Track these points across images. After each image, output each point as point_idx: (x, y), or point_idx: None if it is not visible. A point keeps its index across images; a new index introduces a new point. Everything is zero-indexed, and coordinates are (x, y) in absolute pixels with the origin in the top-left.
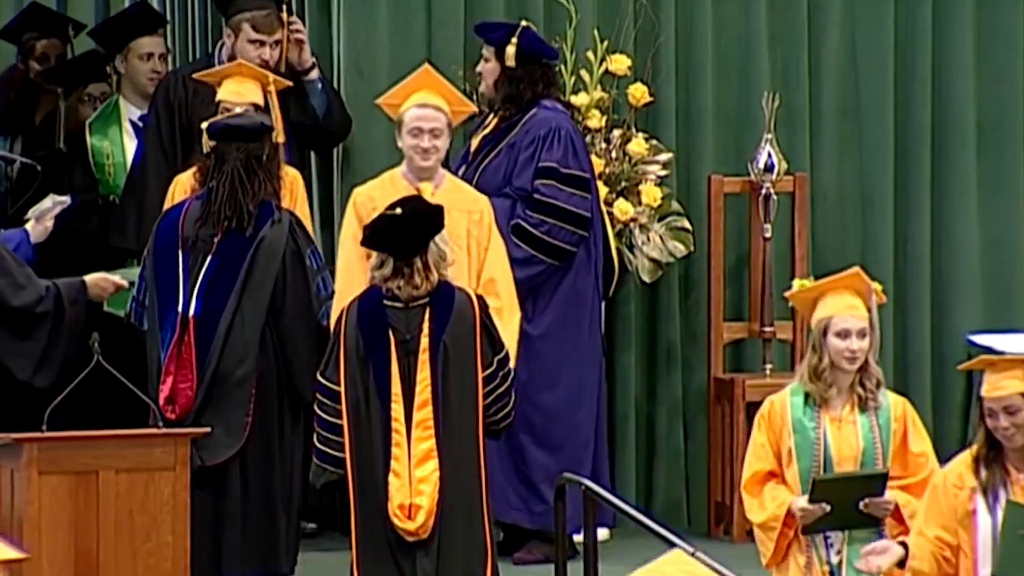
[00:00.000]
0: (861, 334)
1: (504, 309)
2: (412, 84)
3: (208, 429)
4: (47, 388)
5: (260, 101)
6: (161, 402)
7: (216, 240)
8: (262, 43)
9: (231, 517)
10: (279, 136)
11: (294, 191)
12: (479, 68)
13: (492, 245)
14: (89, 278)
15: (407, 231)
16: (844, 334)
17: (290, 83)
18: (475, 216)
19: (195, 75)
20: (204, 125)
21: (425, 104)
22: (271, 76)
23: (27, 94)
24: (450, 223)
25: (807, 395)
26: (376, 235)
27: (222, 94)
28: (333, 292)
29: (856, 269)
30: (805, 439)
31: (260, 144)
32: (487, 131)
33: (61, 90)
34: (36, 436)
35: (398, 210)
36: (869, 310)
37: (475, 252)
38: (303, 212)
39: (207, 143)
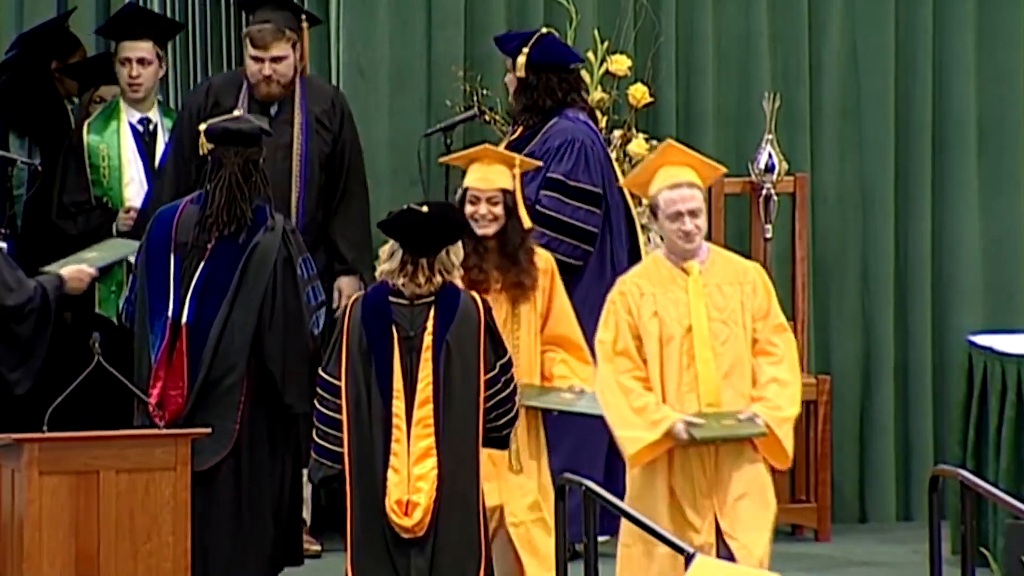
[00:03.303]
0: None
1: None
2: (657, 161)
3: (209, 430)
4: (26, 393)
5: (509, 186)
6: (150, 406)
7: (210, 247)
8: (260, 59)
9: (218, 523)
10: (526, 222)
11: (550, 275)
12: (505, 80)
13: (771, 312)
14: (66, 271)
15: (427, 229)
16: None
17: (538, 163)
18: (747, 287)
19: (442, 159)
20: (202, 127)
21: (678, 183)
22: (518, 158)
23: (48, 96)
24: (720, 299)
25: None
26: (396, 224)
27: (469, 180)
28: (324, 301)
29: None
30: None
31: (258, 148)
32: (510, 141)
33: (77, 87)
34: (36, 436)
35: (425, 208)
36: None
37: (749, 325)
38: (560, 290)
39: (205, 145)
